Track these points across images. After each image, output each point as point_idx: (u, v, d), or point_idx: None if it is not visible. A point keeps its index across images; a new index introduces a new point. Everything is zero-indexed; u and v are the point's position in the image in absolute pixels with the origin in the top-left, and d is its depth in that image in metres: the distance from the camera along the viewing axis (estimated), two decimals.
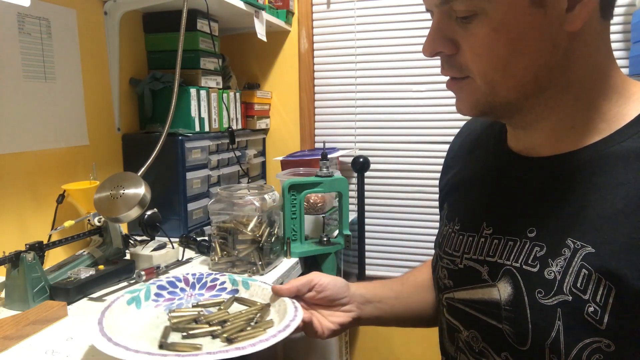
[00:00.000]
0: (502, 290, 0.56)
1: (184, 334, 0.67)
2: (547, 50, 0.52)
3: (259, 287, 0.79)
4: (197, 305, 0.76)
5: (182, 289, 0.81)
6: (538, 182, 0.57)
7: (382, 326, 0.81)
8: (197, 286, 0.82)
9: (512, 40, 0.51)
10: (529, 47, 0.52)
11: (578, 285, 0.50)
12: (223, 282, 0.82)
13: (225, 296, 0.80)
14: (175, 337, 0.67)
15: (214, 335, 0.66)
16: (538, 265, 0.53)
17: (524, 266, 0.55)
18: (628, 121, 0.53)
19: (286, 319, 0.66)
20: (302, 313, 0.69)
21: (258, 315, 0.71)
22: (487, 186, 0.65)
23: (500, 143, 0.65)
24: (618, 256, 0.48)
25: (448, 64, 0.57)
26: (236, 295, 0.79)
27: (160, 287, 0.79)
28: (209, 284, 0.82)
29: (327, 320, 0.73)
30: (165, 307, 0.76)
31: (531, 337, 0.53)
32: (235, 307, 0.76)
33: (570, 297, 0.50)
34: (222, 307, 0.75)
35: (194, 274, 0.83)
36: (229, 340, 0.64)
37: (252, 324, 0.69)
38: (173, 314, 0.72)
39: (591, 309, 0.49)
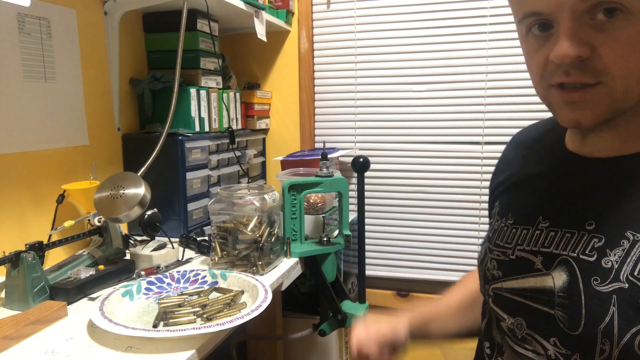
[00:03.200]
0: (557, 278, 0.58)
1: (172, 313, 0.81)
2: None
3: (235, 277, 0.94)
4: (182, 294, 0.90)
5: (169, 284, 0.94)
6: (598, 180, 0.59)
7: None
8: (182, 280, 0.95)
9: None
10: None
11: (635, 273, 0.51)
12: (204, 277, 0.96)
13: (206, 287, 0.93)
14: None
15: (196, 315, 0.80)
16: (595, 255, 0.55)
17: (581, 256, 0.56)
18: None
19: (257, 301, 0.81)
20: (272, 296, 0.82)
21: (232, 300, 0.85)
22: (545, 184, 0.67)
23: (560, 146, 0.66)
24: None
25: (580, 69, 0.54)
26: (215, 286, 0.93)
27: (150, 283, 0.93)
28: (192, 279, 0.96)
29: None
30: (154, 299, 0.89)
31: (584, 321, 0.54)
32: (215, 295, 0.90)
33: (627, 285, 0.52)
34: (202, 295, 0.88)
35: (178, 271, 0.98)
36: (209, 319, 0.78)
37: (228, 307, 0.83)
38: (162, 301, 0.84)
39: None
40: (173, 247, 1.10)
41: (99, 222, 1.02)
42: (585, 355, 0.55)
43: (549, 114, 0.63)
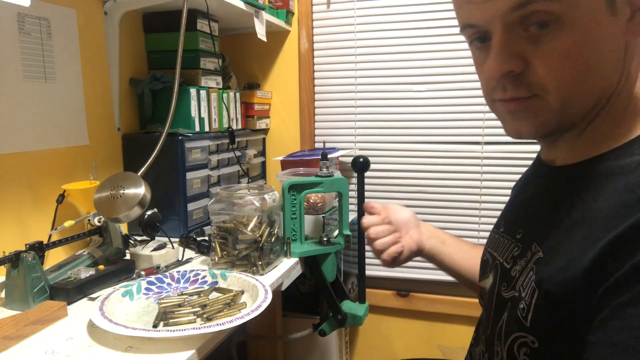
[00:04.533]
0: (489, 281, 0.63)
1: (172, 313, 0.80)
2: (617, 62, 0.50)
3: (235, 277, 0.94)
4: (182, 294, 0.89)
5: (169, 284, 0.94)
6: (540, 190, 0.62)
7: (440, 268, 0.91)
8: (182, 280, 0.95)
9: (593, 52, 0.48)
10: (606, 59, 0.49)
11: (523, 284, 0.54)
12: (204, 277, 0.96)
13: (206, 287, 0.93)
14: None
15: (196, 315, 0.79)
16: (511, 263, 0.59)
17: (503, 263, 0.61)
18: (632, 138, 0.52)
19: (257, 301, 0.80)
20: (272, 296, 0.82)
21: (232, 299, 0.85)
22: (517, 190, 0.72)
23: (540, 154, 0.68)
24: (548, 262, 0.51)
25: (514, 84, 0.52)
26: (215, 286, 0.93)
27: (150, 283, 0.93)
28: (192, 279, 0.96)
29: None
30: (154, 299, 0.88)
31: (491, 323, 0.59)
32: (215, 295, 0.90)
33: (517, 294, 0.55)
34: (202, 295, 0.88)
35: (178, 271, 0.97)
36: (209, 319, 0.78)
37: (228, 307, 0.82)
38: (162, 301, 0.84)
39: (522, 306, 0.53)
40: (173, 247, 1.10)
41: (99, 222, 1.02)
42: (491, 355, 0.59)
43: None
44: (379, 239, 0.87)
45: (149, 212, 1.07)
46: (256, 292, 0.86)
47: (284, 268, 1.05)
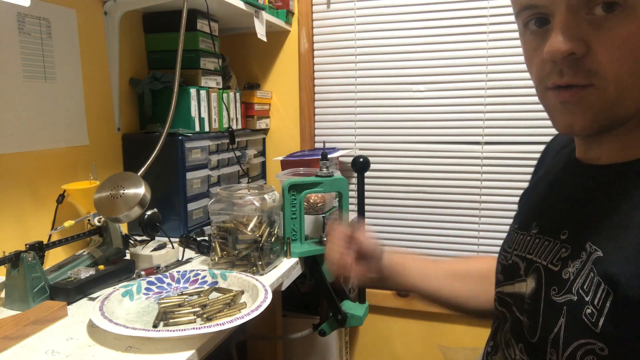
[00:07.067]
0: (529, 285, 0.58)
1: (172, 313, 0.81)
2: None
3: (235, 277, 0.94)
4: (181, 294, 0.90)
5: (169, 284, 0.94)
6: (585, 188, 0.58)
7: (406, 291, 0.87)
8: (182, 280, 0.95)
9: None
10: None
11: (584, 287, 0.50)
12: (204, 277, 0.96)
13: (205, 287, 0.93)
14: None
15: (196, 315, 0.80)
16: (560, 265, 0.55)
17: (549, 265, 0.56)
18: None
19: (257, 301, 0.81)
20: (272, 296, 0.83)
21: (232, 299, 0.85)
22: (546, 190, 0.67)
23: (572, 153, 0.65)
24: (619, 263, 0.48)
25: (573, 69, 0.50)
26: (215, 286, 0.94)
27: (150, 283, 0.93)
28: (192, 279, 0.96)
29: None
30: (154, 299, 0.89)
31: (539, 330, 0.54)
32: (215, 295, 0.90)
33: (576, 297, 0.51)
34: (202, 295, 0.88)
35: (178, 271, 0.98)
36: (209, 319, 0.78)
37: (228, 307, 0.83)
38: (162, 301, 0.84)
39: (589, 310, 0.49)
40: (173, 247, 1.10)
41: (99, 222, 1.02)
42: None
43: None
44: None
45: (149, 212, 1.07)
46: (256, 292, 0.86)
47: (284, 268, 1.05)
